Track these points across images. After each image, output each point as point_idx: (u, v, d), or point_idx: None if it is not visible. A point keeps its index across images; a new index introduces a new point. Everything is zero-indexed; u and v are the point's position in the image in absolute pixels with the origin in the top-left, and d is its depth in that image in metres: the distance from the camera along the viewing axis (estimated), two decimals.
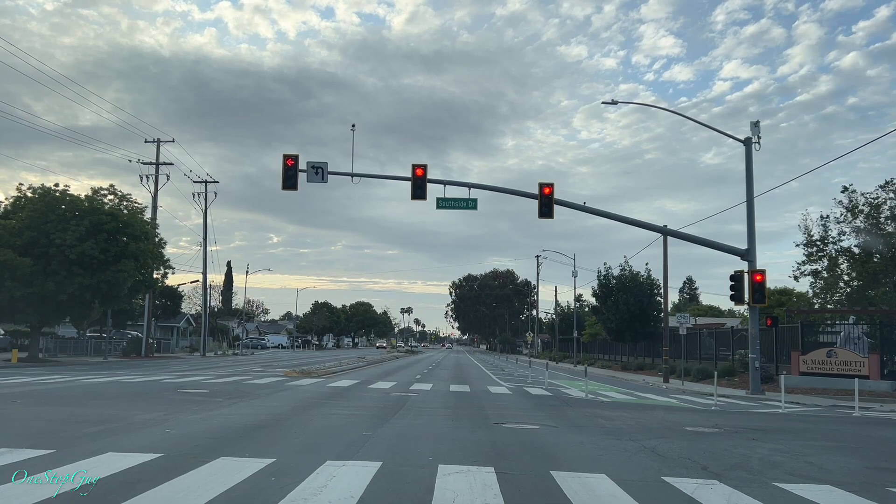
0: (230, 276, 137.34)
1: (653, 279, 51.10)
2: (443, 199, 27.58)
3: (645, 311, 50.02)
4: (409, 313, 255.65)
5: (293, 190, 26.83)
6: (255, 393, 18.42)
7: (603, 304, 52.07)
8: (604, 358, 64.58)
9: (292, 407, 15.21)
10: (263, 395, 18.08)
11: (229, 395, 17.54)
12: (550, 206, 26.65)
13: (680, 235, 29.48)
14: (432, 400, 18.47)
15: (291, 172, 26.59)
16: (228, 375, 26.44)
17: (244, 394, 18.06)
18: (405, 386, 23.78)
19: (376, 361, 47.26)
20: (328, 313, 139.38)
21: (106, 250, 40.26)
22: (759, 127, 27.57)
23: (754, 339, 26.81)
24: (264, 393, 18.59)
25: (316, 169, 27.10)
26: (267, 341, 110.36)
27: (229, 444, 9.36)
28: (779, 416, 17.56)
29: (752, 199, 27.46)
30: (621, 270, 51.93)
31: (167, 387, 19.76)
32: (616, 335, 52.19)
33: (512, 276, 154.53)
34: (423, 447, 9.90)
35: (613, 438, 11.73)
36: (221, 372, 29.50)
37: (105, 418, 11.91)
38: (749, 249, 27.13)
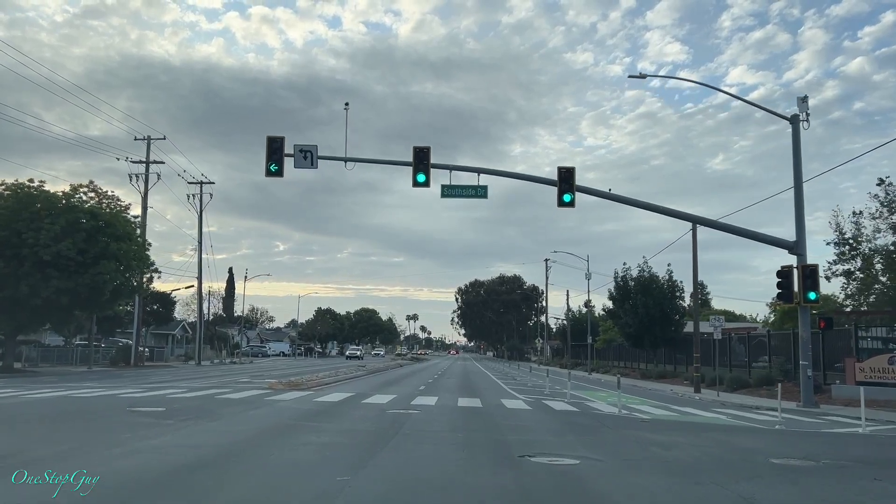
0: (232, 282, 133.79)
1: (674, 281, 47.71)
2: (448, 187, 24.31)
3: (666, 315, 46.56)
4: (415, 320, 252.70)
5: (278, 176, 23.63)
6: (219, 412, 15.11)
7: (620, 307, 48.59)
8: (619, 365, 61.02)
9: (257, 432, 11.90)
10: (229, 414, 14.77)
11: (187, 415, 14.25)
12: (571, 192, 23.35)
13: (714, 225, 26.06)
14: (437, 419, 15.15)
15: (276, 156, 23.37)
16: (204, 388, 23.15)
17: (207, 413, 14.77)
18: (406, 400, 20.45)
19: (377, 370, 43.89)
20: (331, 320, 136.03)
21: (84, 251, 37.08)
22: (808, 103, 24.19)
23: (805, 343, 23.40)
24: (232, 412, 15.29)
25: (304, 153, 23.87)
26: (268, 349, 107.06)
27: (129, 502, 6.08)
28: (871, 440, 14.16)
29: (801, 185, 24.09)
30: (640, 272, 48.55)
31: (118, 404, 16.47)
32: (634, 340, 48.70)
33: (519, 282, 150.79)
34: (424, 502, 6.59)
35: (687, 480, 8.40)
36: (200, 384, 26.22)
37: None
38: (798, 241, 23.76)
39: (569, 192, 23.38)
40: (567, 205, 23.50)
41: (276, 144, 23.49)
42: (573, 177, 23.54)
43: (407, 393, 23.94)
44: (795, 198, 23.94)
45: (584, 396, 25.50)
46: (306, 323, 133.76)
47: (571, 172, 23.64)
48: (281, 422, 13.71)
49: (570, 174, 23.59)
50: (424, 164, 23.50)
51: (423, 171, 23.45)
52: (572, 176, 23.56)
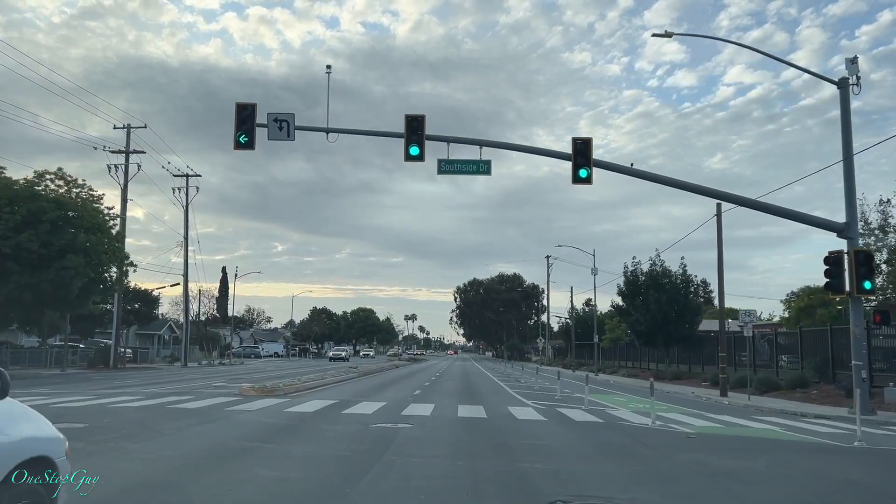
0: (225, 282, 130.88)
1: (688, 275, 44.54)
2: (446, 162, 21.16)
3: (680, 312, 43.40)
4: (414, 320, 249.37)
5: (249, 149, 20.47)
6: (159, 428, 11.94)
7: (631, 303, 45.38)
8: (627, 365, 57.88)
9: (189, 460, 8.75)
10: (170, 432, 11.60)
11: (112, 433, 11.09)
12: (588, 166, 20.21)
13: (749, 203, 22.80)
14: (432, 437, 12.01)
15: (247, 126, 20.21)
16: (164, 395, 19.95)
17: (142, 430, 11.61)
18: (396, 409, 17.29)
19: (369, 373, 40.69)
20: (327, 320, 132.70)
21: (48, 243, 33.90)
22: (857, 65, 21.06)
23: (859, 341, 20.23)
24: (175, 428, 12.11)
25: (279, 123, 20.72)
26: (261, 350, 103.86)
27: None
28: None
29: (851, 158, 20.96)
30: (651, 265, 45.39)
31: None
32: (646, 339, 45.51)
33: (519, 280, 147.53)
34: None
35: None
36: (165, 389, 23.05)
37: None
38: (849, 223, 20.61)
39: (585, 167, 20.24)
40: (583, 181, 20.36)
41: (245, 112, 20.36)
42: (590, 149, 20.41)
43: (399, 399, 20.78)
44: (845, 173, 20.81)
45: (601, 402, 22.37)
46: (301, 323, 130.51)
47: (588, 144, 20.51)
48: (230, 443, 10.55)
49: (587, 146, 20.45)
50: (418, 134, 20.38)
51: (416, 142, 20.32)
52: (589, 148, 20.42)
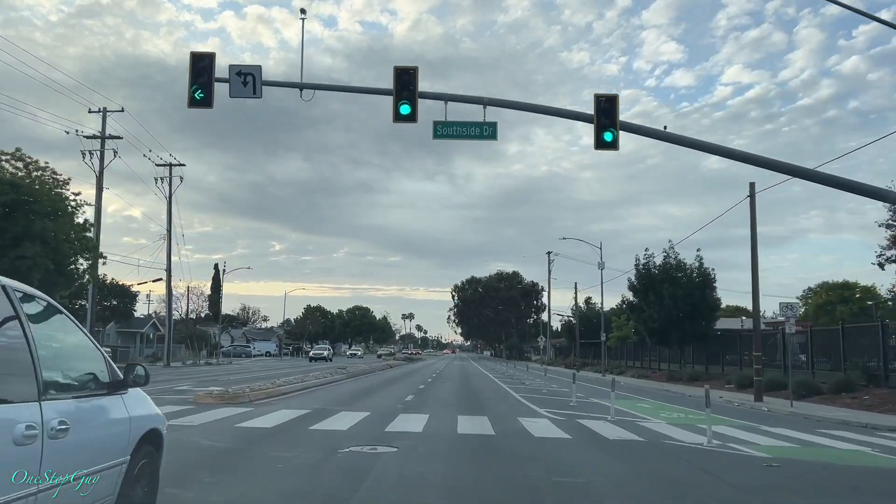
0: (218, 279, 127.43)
1: (705, 269, 41.07)
2: (443, 125, 17.67)
3: (697, 308, 39.99)
4: (411, 319, 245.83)
5: (206, 107, 16.98)
6: None
7: (643, 299, 41.91)
8: (636, 365, 54.48)
9: None
10: None
11: None
12: (614, 127, 16.76)
13: (799, 172, 19.30)
14: (422, 472, 8.56)
15: (203, 80, 16.73)
16: None
17: None
18: (380, 422, 13.84)
19: (359, 374, 37.15)
20: (321, 318, 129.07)
21: (2, 230, 30.46)
22: None
23: None
24: None
25: (244, 77, 17.21)
26: (252, 349, 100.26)
27: None
28: None
29: None
30: (665, 258, 41.96)
31: None
32: (660, 337, 42.04)
33: (518, 278, 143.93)
34: None
35: None
36: None
37: None
38: None
39: (610, 129, 16.77)
40: (608, 145, 16.90)
41: (202, 63, 16.87)
42: (616, 108, 16.94)
43: (386, 408, 17.33)
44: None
45: (626, 410, 18.92)
46: (295, 321, 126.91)
47: (613, 103, 17.04)
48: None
49: (612, 105, 16.99)
50: (410, 90, 16.88)
51: (407, 100, 16.82)
52: (614, 107, 16.95)
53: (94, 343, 5.22)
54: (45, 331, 4.39)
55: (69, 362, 4.75)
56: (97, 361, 5.04)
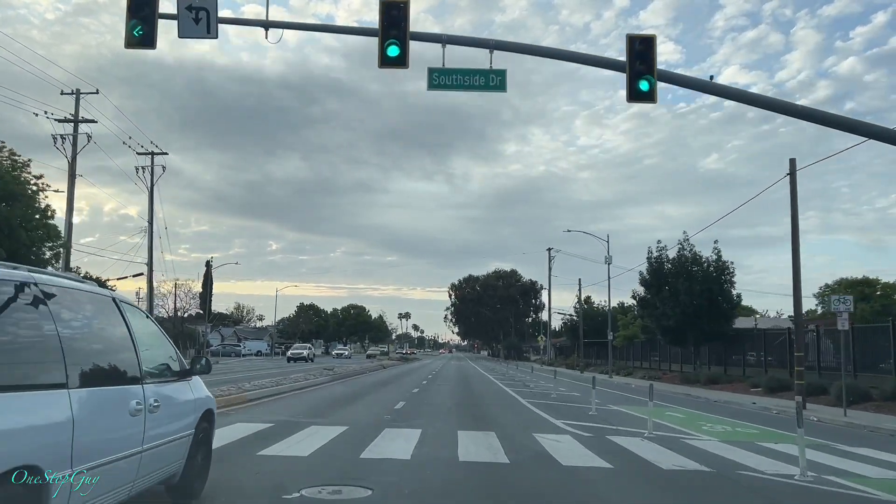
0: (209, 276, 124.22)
1: (723, 262, 37.94)
2: (440, 73, 14.47)
3: (715, 304, 36.90)
4: (407, 318, 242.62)
5: (148, 48, 13.71)
6: None
7: (656, 294, 38.77)
8: (643, 366, 51.31)
9: None
10: None
11: None
12: (651, 74, 13.58)
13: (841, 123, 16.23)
14: None
15: (144, 13, 13.49)
16: None
17: None
18: (357, 442, 10.63)
19: (346, 375, 33.80)
20: (315, 316, 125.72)
21: None
22: None
23: None
24: None
25: (195, 12, 13.95)
26: (243, 348, 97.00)
27: None
28: None
29: None
30: (680, 250, 38.82)
31: None
32: (674, 336, 38.91)
33: (516, 276, 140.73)
34: None
35: None
36: None
37: None
38: None
39: (646, 77, 13.59)
40: (644, 97, 13.75)
41: (140, 11, 13.59)
42: (653, 51, 13.76)
43: (369, 419, 14.11)
44: None
45: (660, 422, 15.66)
46: (287, 320, 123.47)
47: (650, 44, 13.87)
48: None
49: (649, 47, 13.81)
50: (400, 28, 13.67)
51: (396, 39, 13.59)
52: (651, 50, 13.77)
53: (169, 340, 6.44)
54: (140, 332, 5.58)
55: (154, 355, 5.86)
56: (171, 354, 6.36)
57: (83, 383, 4.35)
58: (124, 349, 5.12)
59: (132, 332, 5.30)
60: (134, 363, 5.16)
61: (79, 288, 4.99)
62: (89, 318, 4.93)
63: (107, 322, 5.12)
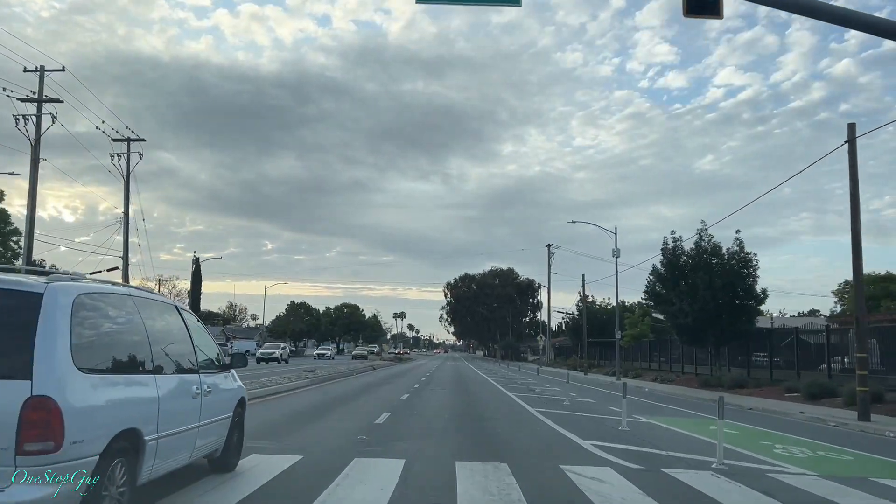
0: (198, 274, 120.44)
1: (746, 253, 34.55)
2: None
3: (737, 301, 33.52)
4: (402, 318, 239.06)
5: None
6: None
7: (673, 289, 35.31)
8: (653, 368, 47.93)
9: None
10: None
11: None
12: None
13: None
14: None
15: None
16: None
17: None
18: (308, 486, 7.15)
19: (329, 378, 30.10)
20: (306, 315, 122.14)
21: None
22: None
23: None
24: None
25: None
26: (230, 347, 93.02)
27: None
28: None
29: None
30: (698, 241, 35.42)
31: None
32: (692, 336, 35.42)
33: (513, 275, 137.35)
34: None
35: None
36: None
37: None
38: None
39: None
40: (708, 10, 10.30)
41: None
42: None
43: (335, 443, 10.62)
44: None
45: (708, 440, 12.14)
46: (277, 319, 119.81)
47: None
48: None
49: None
50: None
51: None
52: None
53: (213, 340, 8.02)
54: (194, 332, 7.19)
55: (204, 351, 7.30)
56: (214, 350, 7.83)
57: (163, 371, 6.03)
58: (186, 346, 6.84)
59: (190, 333, 7.06)
60: (193, 357, 6.89)
61: (155, 299, 6.88)
62: (163, 321, 6.57)
63: (174, 325, 6.82)
